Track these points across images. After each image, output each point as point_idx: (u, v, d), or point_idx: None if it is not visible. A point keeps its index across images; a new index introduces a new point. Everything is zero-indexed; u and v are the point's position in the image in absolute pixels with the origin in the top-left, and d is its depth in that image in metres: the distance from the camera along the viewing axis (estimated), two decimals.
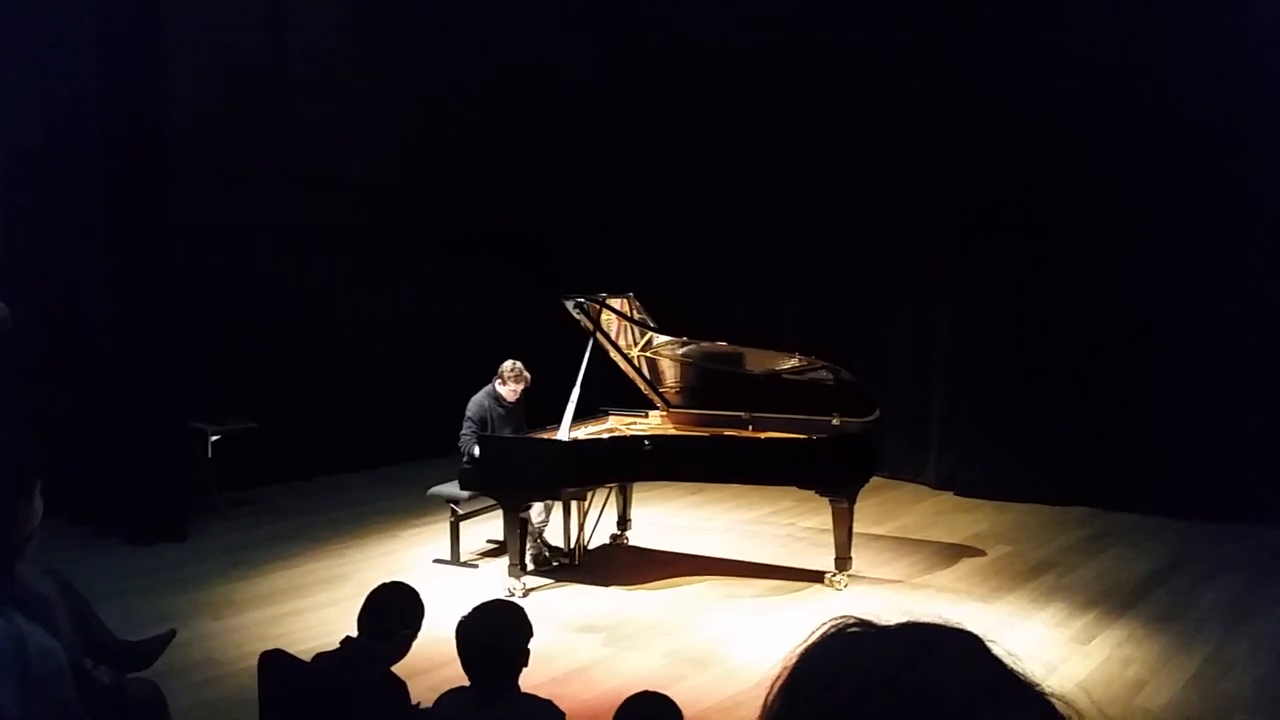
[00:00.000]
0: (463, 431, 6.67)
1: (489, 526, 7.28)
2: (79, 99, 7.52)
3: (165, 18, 7.66)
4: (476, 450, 6.47)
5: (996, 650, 0.77)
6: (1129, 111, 8.23)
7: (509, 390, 6.76)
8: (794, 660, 0.78)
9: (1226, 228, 7.96)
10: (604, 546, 7.36)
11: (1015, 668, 0.76)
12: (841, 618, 0.79)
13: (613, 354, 7.00)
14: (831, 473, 6.38)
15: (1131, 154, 8.29)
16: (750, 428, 6.90)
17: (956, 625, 0.78)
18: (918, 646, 0.75)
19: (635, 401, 7.42)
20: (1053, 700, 0.75)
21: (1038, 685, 0.75)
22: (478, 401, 6.77)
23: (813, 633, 0.79)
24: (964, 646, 0.76)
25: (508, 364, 6.81)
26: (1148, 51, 8.12)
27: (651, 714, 2.86)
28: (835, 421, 6.65)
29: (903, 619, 0.79)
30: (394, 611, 3.20)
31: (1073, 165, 8.64)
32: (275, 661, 3.31)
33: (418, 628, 3.24)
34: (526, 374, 6.80)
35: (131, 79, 7.46)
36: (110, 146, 7.48)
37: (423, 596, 3.31)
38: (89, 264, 7.68)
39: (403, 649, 3.22)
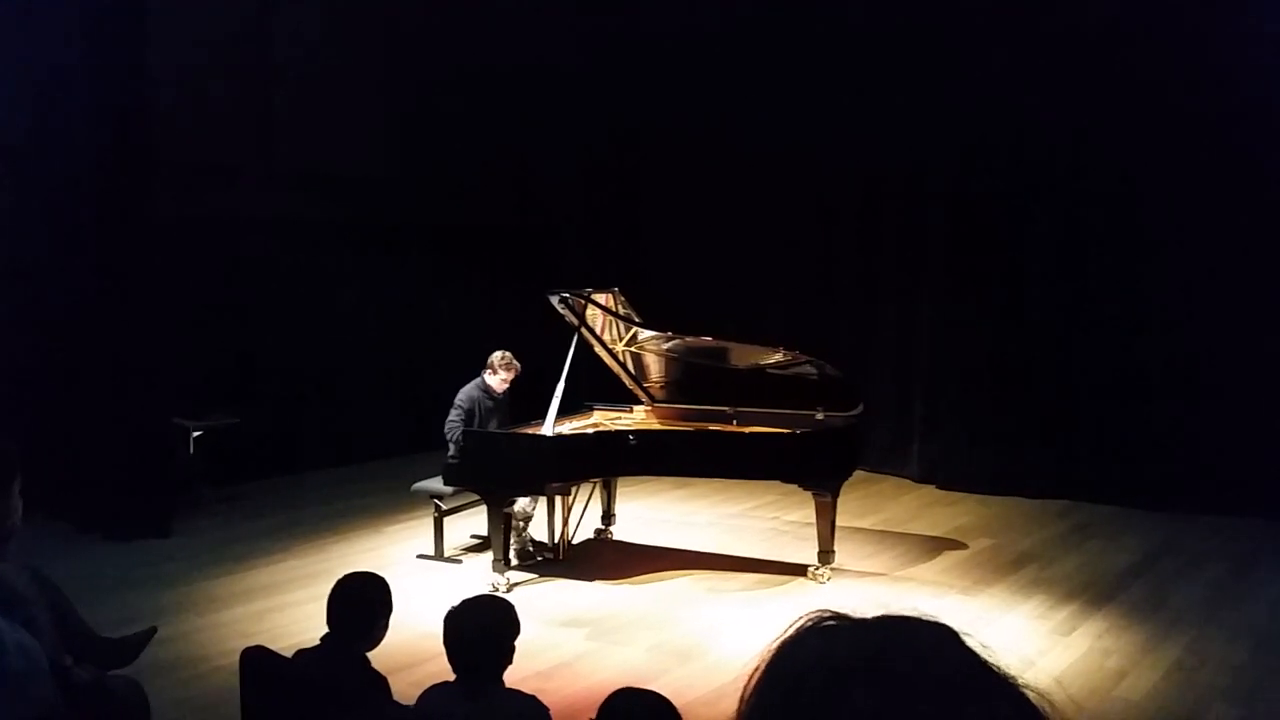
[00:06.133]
0: (450, 418, 6.65)
1: (473, 522, 7.27)
2: (63, 94, 7.45)
3: (150, 11, 7.59)
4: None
5: (971, 643, 0.77)
6: (1117, 107, 8.26)
7: (499, 380, 6.74)
8: (770, 654, 0.78)
9: (1210, 222, 8.01)
10: (588, 541, 7.36)
11: (990, 660, 0.76)
12: (817, 612, 0.80)
13: (598, 349, 7.00)
14: (815, 467, 6.39)
15: (1116, 149, 8.34)
16: (734, 422, 6.91)
17: (932, 618, 0.79)
18: (892, 640, 0.76)
19: (620, 396, 7.42)
20: (1027, 692, 0.75)
21: (1012, 678, 0.76)
22: (467, 393, 6.75)
23: (789, 627, 0.79)
24: (938, 639, 0.77)
25: (497, 354, 6.78)
26: (1136, 46, 8.15)
27: (644, 712, 2.81)
28: (819, 416, 6.67)
29: (880, 613, 0.80)
30: (366, 605, 3.20)
31: (1057, 159, 8.67)
32: (258, 658, 3.30)
33: (390, 613, 3.25)
34: (516, 363, 6.78)
35: (116, 73, 7.40)
36: (94, 141, 7.43)
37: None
38: (72, 259, 7.62)
39: (379, 637, 3.22)
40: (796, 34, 9.77)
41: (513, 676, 2.99)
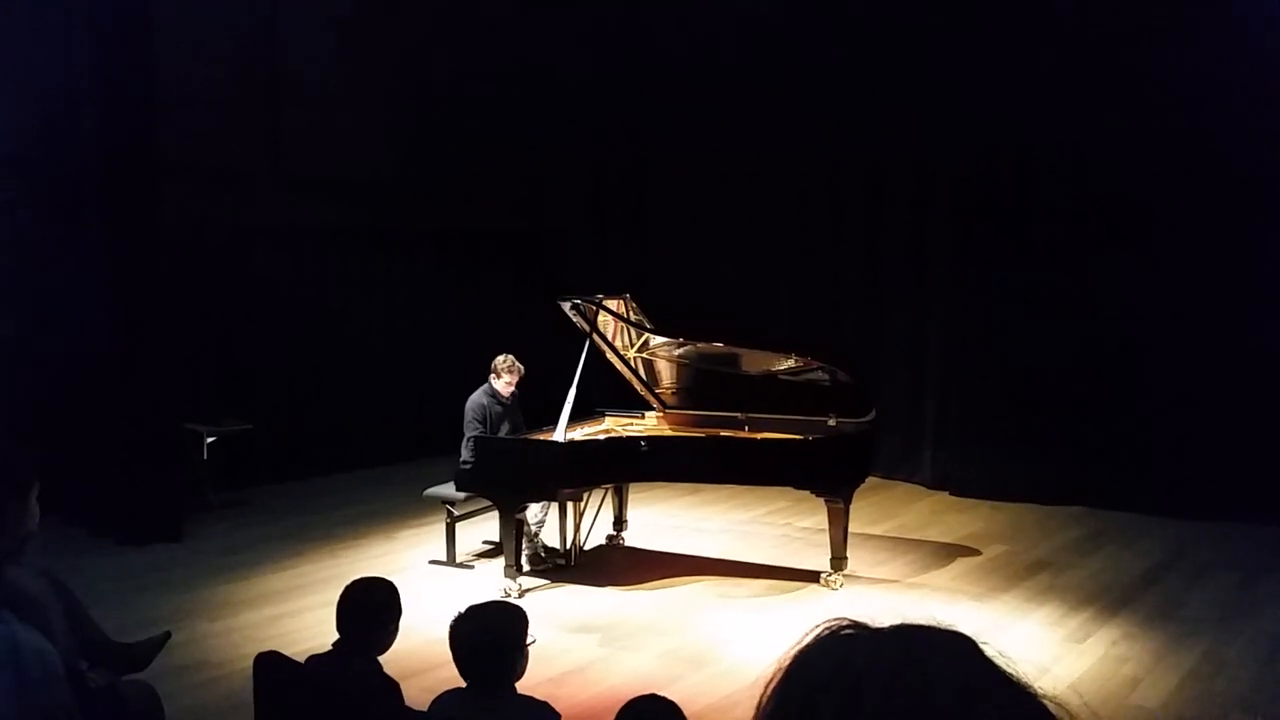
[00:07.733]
0: (468, 434, 6.66)
1: (485, 528, 7.28)
2: (72, 100, 7.51)
3: (159, 18, 7.64)
4: None
5: (989, 652, 0.77)
6: (1123, 109, 8.23)
7: (504, 384, 6.75)
8: (787, 662, 0.78)
9: (1220, 227, 7.97)
10: (600, 547, 7.36)
11: (1008, 669, 0.76)
12: (834, 620, 0.80)
13: (609, 355, 7.00)
14: (827, 473, 6.38)
15: (1125, 153, 8.30)
16: (746, 428, 6.90)
17: (949, 627, 0.79)
18: (910, 649, 0.76)
19: (631, 402, 7.41)
20: (1045, 702, 0.75)
21: (1030, 687, 0.76)
22: (477, 402, 6.75)
23: (806, 635, 0.79)
24: (956, 649, 0.76)
25: (500, 358, 6.81)
26: (1142, 48, 8.12)
27: (655, 718, 2.84)
28: (831, 422, 6.66)
29: (896, 620, 0.80)
30: (375, 610, 3.21)
31: (1067, 163, 8.65)
32: (271, 663, 3.31)
33: (399, 617, 3.25)
34: (520, 365, 6.80)
35: (125, 79, 7.44)
36: (104, 147, 7.47)
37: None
38: (83, 265, 7.66)
39: (389, 642, 3.23)
40: (802, 38, 9.76)
41: (524, 682, 2.99)
